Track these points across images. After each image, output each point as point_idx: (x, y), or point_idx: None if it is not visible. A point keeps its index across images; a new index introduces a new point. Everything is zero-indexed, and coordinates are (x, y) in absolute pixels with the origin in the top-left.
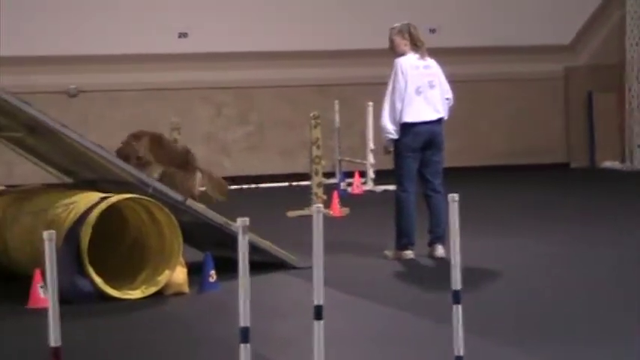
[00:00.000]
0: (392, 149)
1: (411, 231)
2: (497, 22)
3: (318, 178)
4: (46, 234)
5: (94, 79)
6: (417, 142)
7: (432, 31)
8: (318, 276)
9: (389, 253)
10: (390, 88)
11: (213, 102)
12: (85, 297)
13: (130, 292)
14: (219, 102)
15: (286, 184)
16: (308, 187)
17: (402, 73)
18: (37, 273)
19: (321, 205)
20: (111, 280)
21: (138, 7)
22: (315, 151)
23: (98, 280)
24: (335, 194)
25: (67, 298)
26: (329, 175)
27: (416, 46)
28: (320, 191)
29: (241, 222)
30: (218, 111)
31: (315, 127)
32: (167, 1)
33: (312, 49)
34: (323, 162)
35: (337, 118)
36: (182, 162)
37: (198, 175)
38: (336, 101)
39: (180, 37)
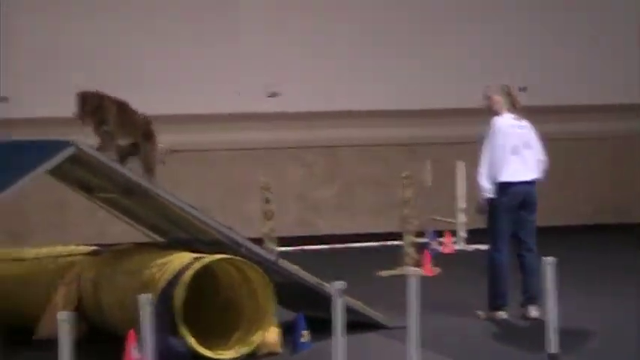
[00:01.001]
0: (487, 209)
1: (504, 291)
2: (583, 81)
3: (409, 238)
4: (143, 297)
5: (186, 138)
6: (512, 201)
7: (523, 89)
8: (412, 338)
9: (482, 313)
10: (487, 147)
11: (304, 161)
12: (179, 357)
13: (224, 352)
14: (310, 161)
15: (378, 243)
16: (399, 247)
17: (500, 132)
18: (131, 333)
19: (417, 269)
20: (204, 341)
21: (228, 67)
22: (407, 211)
23: (192, 340)
24: (426, 253)
25: (161, 359)
26: (420, 234)
27: (513, 106)
28: (411, 251)
29: (337, 285)
30: (309, 170)
31: (407, 186)
32: (258, 62)
33: (401, 108)
34: (414, 221)
35: (428, 177)
36: (145, 132)
37: (160, 146)
38: (428, 160)
39: (270, 96)
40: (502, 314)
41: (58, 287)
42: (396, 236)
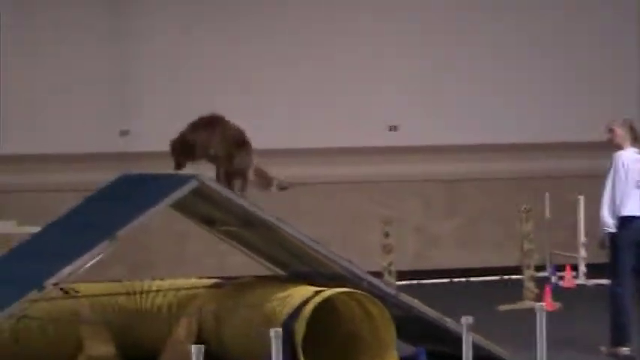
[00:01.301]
0: (608, 243)
1: (627, 326)
2: None
3: (529, 272)
4: (272, 332)
5: (306, 171)
6: (634, 236)
7: None
8: None
9: (604, 348)
10: (609, 181)
11: (423, 194)
12: None
13: None
14: (429, 194)
15: (497, 277)
16: (519, 281)
17: (623, 166)
18: None
19: (542, 304)
20: None
21: (349, 102)
22: (527, 245)
23: None
24: (547, 288)
25: None
26: (540, 268)
27: (636, 140)
28: (532, 285)
29: (465, 320)
30: (427, 203)
31: (526, 220)
32: (378, 96)
33: (520, 141)
34: (534, 255)
35: (547, 211)
36: (240, 141)
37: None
38: (547, 194)
39: (390, 130)
40: (625, 350)
41: (179, 320)
42: (516, 270)
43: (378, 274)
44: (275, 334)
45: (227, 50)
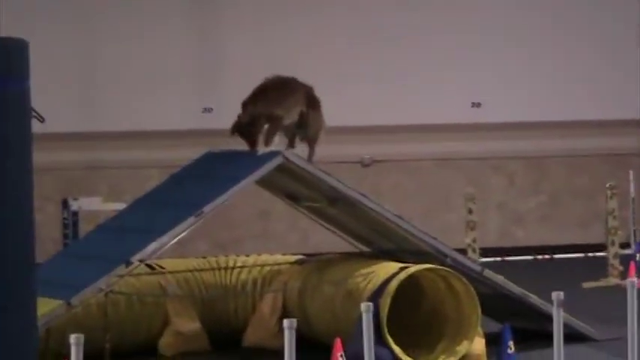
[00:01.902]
0: None
1: None
2: None
3: (614, 249)
4: (363, 305)
5: (388, 149)
6: None
7: None
8: (633, 349)
9: None
10: None
11: (506, 171)
12: None
13: None
14: (512, 171)
15: (581, 254)
16: (604, 258)
17: None
18: (338, 342)
19: (634, 279)
20: (409, 350)
21: (432, 78)
22: (611, 222)
23: (397, 349)
24: (632, 265)
25: None
26: (625, 245)
27: None
28: (616, 262)
29: (556, 295)
30: (511, 180)
31: (611, 197)
32: (461, 73)
33: (604, 118)
34: (619, 232)
35: (632, 188)
36: (309, 100)
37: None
38: (631, 171)
39: (473, 106)
40: None
41: (264, 296)
42: (601, 248)
43: (462, 251)
44: (366, 307)
45: (311, 26)
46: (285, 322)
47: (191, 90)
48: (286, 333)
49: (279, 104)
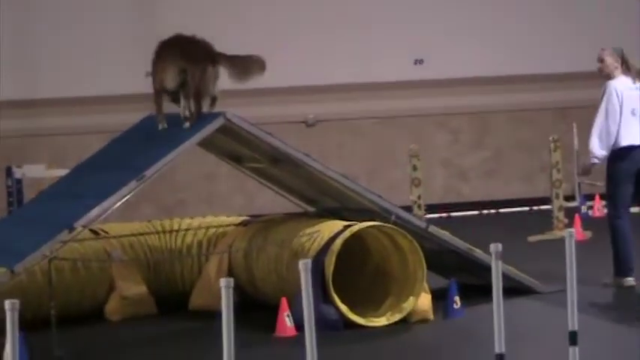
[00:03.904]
0: (590, 172)
1: (629, 257)
2: None
3: (558, 202)
4: (301, 263)
5: (331, 108)
6: (633, 165)
7: None
8: (572, 301)
9: (608, 281)
10: (602, 111)
11: (449, 128)
12: (332, 325)
13: (375, 319)
14: (455, 127)
15: (526, 208)
16: (548, 211)
17: (617, 95)
18: (284, 301)
19: (573, 230)
20: (356, 308)
21: (374, 37)
22: (556, 175)
23: (343, 307)
24: (577, 218)
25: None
26: (569, 198)
27: (627, 69)
28: (561, 215)
29: (494, 247)
30: (454, 137)
31: (555, 150)
32: (402, 30)
33: (548, 72)
34: (563, 185)
35: (576, 141)
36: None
37: (209, 69)
38: (574, 123)
39: (415, 63)
40: (630, 280)
41: (209, 258)
42: (545, 201)
43: (407, 209)
44: (304, 266)
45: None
46: (222, 281)
47: (131, 55)
48: (223, 292)
49: (155, 76)
